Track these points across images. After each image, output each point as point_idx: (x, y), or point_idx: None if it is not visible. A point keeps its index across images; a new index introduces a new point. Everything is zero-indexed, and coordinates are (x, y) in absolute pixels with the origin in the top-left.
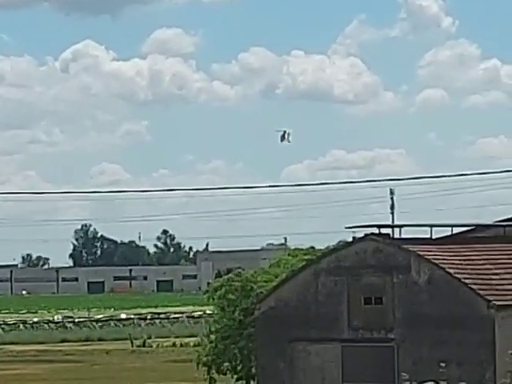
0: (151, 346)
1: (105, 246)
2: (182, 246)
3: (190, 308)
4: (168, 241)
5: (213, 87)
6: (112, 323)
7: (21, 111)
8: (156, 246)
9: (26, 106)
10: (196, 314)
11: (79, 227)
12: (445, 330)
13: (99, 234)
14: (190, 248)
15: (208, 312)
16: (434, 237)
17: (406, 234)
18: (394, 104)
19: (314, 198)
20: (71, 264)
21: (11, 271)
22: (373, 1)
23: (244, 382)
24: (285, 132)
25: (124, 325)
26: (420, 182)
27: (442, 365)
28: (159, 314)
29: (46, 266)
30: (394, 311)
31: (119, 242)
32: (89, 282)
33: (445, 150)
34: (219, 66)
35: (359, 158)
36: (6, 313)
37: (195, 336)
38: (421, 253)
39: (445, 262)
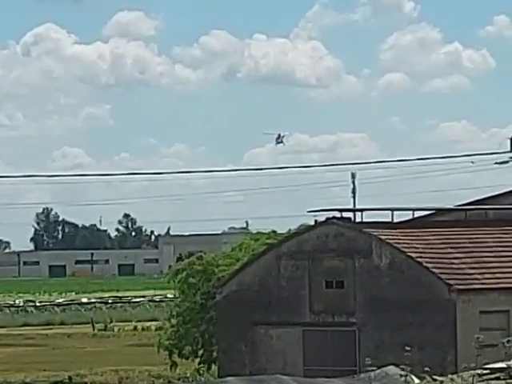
0: (113, 330)
1: (66, 230)
2: (144, 229)
3: (152, 292)
4: (129, 225)
5: (174, 71)
6: (73, 307)
7: None
8: (117, 229)
9: None
10: (157, 297)
11: (40, 211)
12: (406, 313)
13: (60, 218)
14: (152, 232)
15: (169, 296)
16: (395, 221)
17: (368, 217)
18: (357, 88)
19: (276, 182)
20: (32, 248)
21: None
22: None
23: (205, 365)
24: (279, 135)
25: (85, 309)
26: (382, 166)
27: (408, 348)
28: (121, 297)
29: (7, 250)
30: (356, 295)
31: (80, 225)
32: (50, 266)
33: (407, 134)
34: (181, 49)
35: (322, 141)
36: None
37: (157, 320)
38: (382, 237)
39: (406, 246)
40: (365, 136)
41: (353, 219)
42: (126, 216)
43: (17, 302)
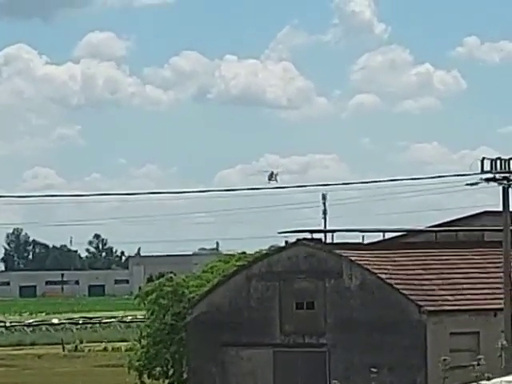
0: (83, 351)
1: (37, 251)
2: (114, 250)
3: (122, 313)
4: (100, 245)
5: (145, 91)
6: (44, 328)
7: None
8: (88, 250)
9: None
10: (128, 318)
11: (11, 231)
12: (376, 334)
13: (31, 239)
14: (122, 253)
15: (140, 317)
16: (366, 242)
17: (339, 239)
18: (327, 109)
19: (247, 203)
20: (3, 268)
21: None
22: (305, 6)
23: None
24: (272, 172)
25: (56, 329)
26: (352, 188)
27: (374, 370)
28: (91, 318)
29: None
30: (326, 316)
31: (51, 246)
32: (20, 286)
33: (378, 155)
34: (151, 69)
35: (292, 162)
36: None
37: (127, 341)
38: (353, 258)
39: (376, 267)
40: (336, 157)
41: (323, 240)
42: (97, 236)
43: None
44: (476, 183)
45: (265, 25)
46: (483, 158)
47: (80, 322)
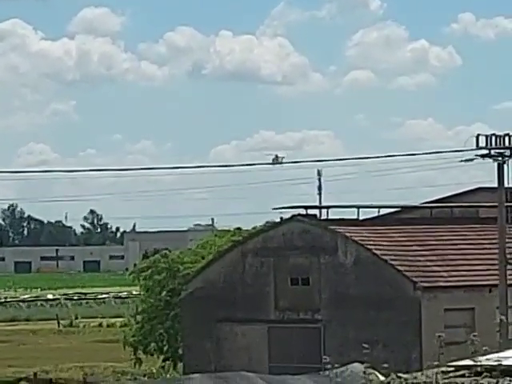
0: (78, 327)
1: (31, 226)
2: (109, 226)
3: (117, 288)
4: (95, 221)
5: (140, 67)
6: (39, 303)
7: None
8: (83, 226)
9: None
10: (123, 294)
11: (6, 207)
12: (371, 311)
13: (26, 214)
14: (117, 228)
15: (135, 292)
16: (361, 218)
17: (334, 215)
18: (322, 85)
19: (242, 179)
20: None
21: None
22: None
23: (171, 362)
24: (277, 156)
25: (51, 305)
26: (347, 164)
27: (366, 346)
28: (86, 294)
29: None
30: (321, 292)
31: (46, 222)
32: (15, 262)
33: (373, 132)
34: (146, 45)
35: (287, 139)
36: None
37: (122, 316)
38: (347, 234)
39: (371, 243)
40: (330, 133)
41: (318, 216)
42: (92, 212)
43: None
44: (471, 159)
45: (260, 0)
46: (478, 135)
47: (75, 297)
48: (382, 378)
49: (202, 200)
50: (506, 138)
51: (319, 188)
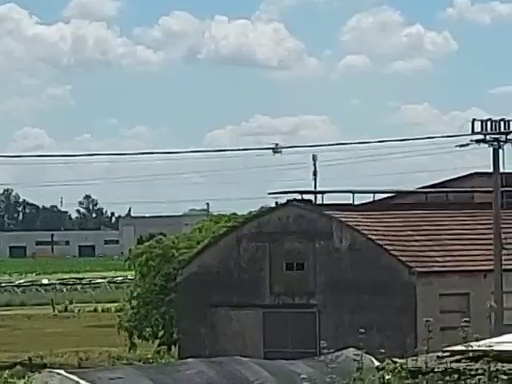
0: (73, 311)
1: (27, 211)
2: (105, 211)
3: (112, 273)
4: (90, 206)
5: (136, 52)
6: (34, 288)
7: None
8: (78, 211)
9: None
10: (118, 279)
11: (1, 192)
12: (366, 296)
13: (21, 199)
14: (113, 213)
15: (130, 277)
16: (356, 203)
17: (329, 200)
18: (318, 70)
19: (237, 164)
20: None
21: None
22: None
23: (166, 347)
24: (277, 144)
25: (46, 290)
26: (342, 149)
27: (362, 330)
28: (81, 279)
29: None
30: (316, 277)
31: (41, 206)
32: (10, 247)
33: (368, 117)
34: (142, 30)
35: (283, 123)
36: None
37: (117, 301)
38: (343, 219)
39: (366, 228)
40: (326, 118)
41: (313, 201)
42: (87, 197)
43: None
44: (466, 144)
45: None
46: (474, 120)
47: (70, 282)
48: (376, 363)
49: (198, 185)
50: (502, 123)
51: (314, 173)
